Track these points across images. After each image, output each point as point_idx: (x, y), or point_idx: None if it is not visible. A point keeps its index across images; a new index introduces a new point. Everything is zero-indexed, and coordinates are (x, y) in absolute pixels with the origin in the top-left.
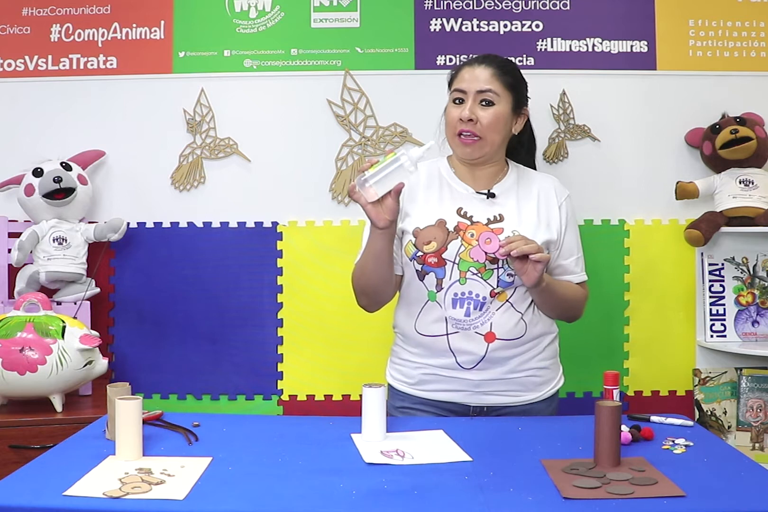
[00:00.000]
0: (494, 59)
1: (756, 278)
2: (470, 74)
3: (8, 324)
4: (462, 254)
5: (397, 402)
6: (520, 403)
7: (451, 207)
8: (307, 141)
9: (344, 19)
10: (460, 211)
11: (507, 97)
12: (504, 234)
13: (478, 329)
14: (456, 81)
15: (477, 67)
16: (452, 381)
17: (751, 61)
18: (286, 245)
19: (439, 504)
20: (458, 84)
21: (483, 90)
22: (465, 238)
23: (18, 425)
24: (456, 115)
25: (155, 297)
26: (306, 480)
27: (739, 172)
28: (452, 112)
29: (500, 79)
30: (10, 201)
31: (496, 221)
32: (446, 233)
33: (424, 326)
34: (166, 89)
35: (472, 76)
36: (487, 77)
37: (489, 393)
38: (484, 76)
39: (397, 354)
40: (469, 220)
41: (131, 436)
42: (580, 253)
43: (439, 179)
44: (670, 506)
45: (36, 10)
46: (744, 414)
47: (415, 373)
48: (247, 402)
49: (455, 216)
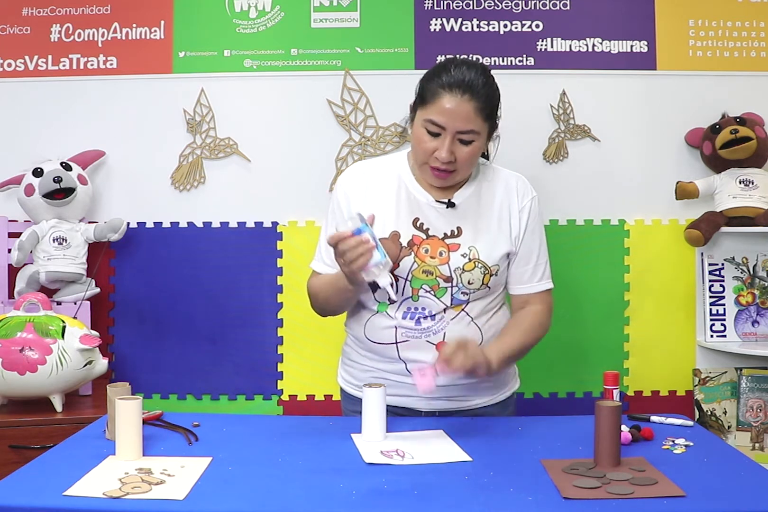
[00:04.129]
0: (476, 85)
1: (756, 278)
2: (451, 107)
3: (8, 324)
4: (414, 271)
5: (350, 406)
6: (470, 408)
7: (407, 217)
8: (307, 141)
9: (344, 19)
10: (416, 222)
11: (485, 129)
12: (460, 250)
13: (430, 338)
14: (433, 107)
15: (459, 99)
16: (402, 387)
17: (751, 61)
18: (286, 245)
19: (439, 504)
20: (436, 115)
21: (464, 131)
22: (418, 254)
23: (18, 425)
24: (430, 147)
25: (155, 297)
26: (306, 480)
27: (739, 172)
28: (426, 143)
29: (481, 114)
30: (10, 201)
31: (453, 236)
32: (399, 248)
33: (374, 332)
34: (166, 89)
35: (453, 111)
36: (468, 114)
37: (439, 398)
38: (465, 112)
39: (347, 354)
40: (425, 233)
41: (131, 436)
42: (542, 259)
43: (397, 182)
44: (670, 506)
45: (36, 10)
46: (744, 414)
47: (364, 376)
48: (247, 402)
49: (410, 228)
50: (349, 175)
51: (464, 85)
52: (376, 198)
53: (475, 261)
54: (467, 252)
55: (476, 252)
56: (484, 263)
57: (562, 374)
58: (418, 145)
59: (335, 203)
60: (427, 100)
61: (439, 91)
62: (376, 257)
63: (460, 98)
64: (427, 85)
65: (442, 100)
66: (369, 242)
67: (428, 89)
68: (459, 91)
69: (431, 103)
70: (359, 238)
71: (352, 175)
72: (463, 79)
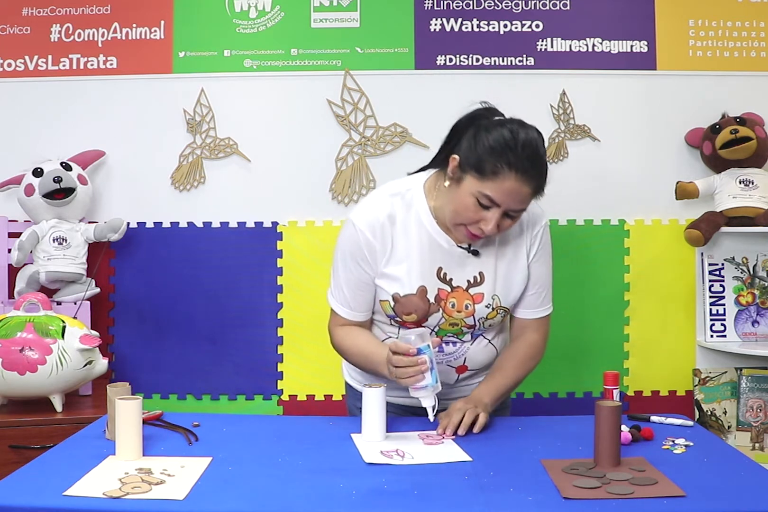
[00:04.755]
0: (539, 169)
1: (756, 278)
2: (512, 189)
3: (8, 324)
4: (442, 325)
5: (356, 402)
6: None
7: (430, 267)
8: (307, 141)
9: (344, 19)
10: (440, 272)
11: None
12: (484, 301)
13: (451, 363)
14: (492, 184)
15: (521, 183)
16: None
17: (751, 61)
18: (286, 245)
19: (439, 504)
20: (494, 193)
21: (517, 210)
22: (446, 309)
23: (18, 425)
24: (476, 217)
25: (155, 297)
26: (306, 480)
27: (739, 172)
28: (473, 212)
29: (536, 194)
30: (10, 201)
31: (476, 283)
32: (427, 305)
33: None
34: (166, 89)
35: (513, 192)
36: (527, 196)
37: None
38: (524, 194)
39: None
40: (449, 285)
41: (131, 436)
42: (546, 286)
43: (418, 227)
44: (670, 506)
45: (36, 10)
46: (744, 414)
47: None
48: (247, 402)
49: (435, 280)
50: (368, 220)
51: (530, 170)
52: (399, 249)
53: (498, 309)
54: (491, 302)
55: (499, 300)
56: (506, 308)
57: (562, 374)
58: (464, 212)
59: (356, 248)
60: (486, 174)
61: (503, 171)
62: (427, 380)
63: (523, 182)
64: (489, 157)
65: (505, 181)
66: (425, 365)
67: (489, 162)
68: (523, 177)
69: (491, 179)
70: (416, 359)
71: (370, 219)
72: (531, 165)
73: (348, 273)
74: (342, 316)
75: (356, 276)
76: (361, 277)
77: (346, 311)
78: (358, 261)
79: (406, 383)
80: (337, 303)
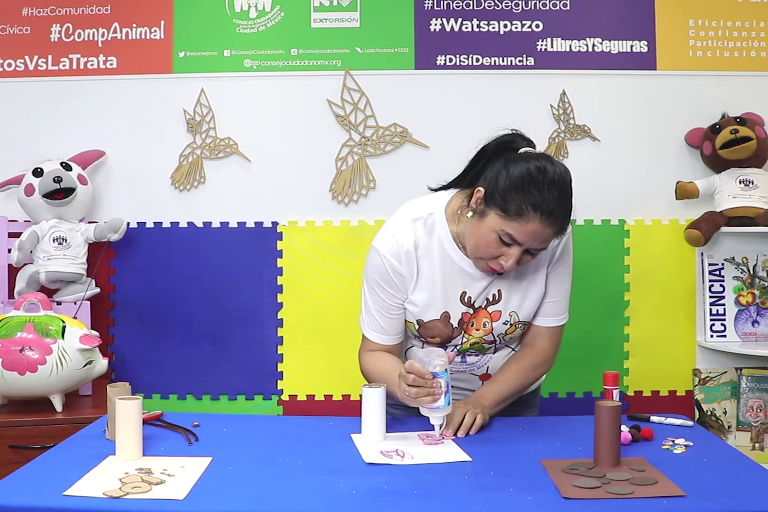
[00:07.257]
0: (563, 212)
1: (756, 278)
2: (535, 231)
3: (8, 324)
4: (463, 344)
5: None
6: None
7: (454, 292)
8: (307, 141)
9: (344, 19)
10: (464, 297)
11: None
12: (502, 318)
13: (474, 372)
14: (515, 224)
15: (545, 225)
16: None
17: (751, 61)
18: (286, 245)
19: (439, 504)
20: (517, 234)
21: (538, 248)
22: (468, 331)
23: (18, 425)
24: (497, 253)
25: (155, 297)
26: (306, 480)
27: (739, 172)
28: (494, 248)
29: (555, 237)
30: (10, 201)
31: (495, 301)
32: (451, 330)
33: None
34: (166, 89)
35: (536, 233)
36: (549, 237)
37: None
38: (547, 235)
39: None
40: (471, 307)
41: (131, 436)
42: (564, 295)
43: (440, 252)
44: (670, 506)
45: (36, 10)
46: (744, 414)
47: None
48: (247, 402)
49: (459, 305)
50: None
51: (555, 212)
52: (424, 275)
53: (516, 324)
54: (509, 319)
55: (516, 316)
56: (524, 322)
57: (562, 374)
58: (485, 247)
59: (384, 275)
60: (510, 213)
61: (527, 212)
62: (439, 402)
63: (547, 224)
64: (514, 196)
65: (529, 223)
66: (440, 388)
67: (514, 202)
68: (549, 219)
69: (515, 220)
70: (432, 381)
71: (395, 246)
72: (557, 206)
73: (378, 300)
74: (374, 341)
75: (386, 301)
76: (391, 302)
77: (378, 336)
78: (387, 288)
79: (421, 402)
80: (369, 329)
